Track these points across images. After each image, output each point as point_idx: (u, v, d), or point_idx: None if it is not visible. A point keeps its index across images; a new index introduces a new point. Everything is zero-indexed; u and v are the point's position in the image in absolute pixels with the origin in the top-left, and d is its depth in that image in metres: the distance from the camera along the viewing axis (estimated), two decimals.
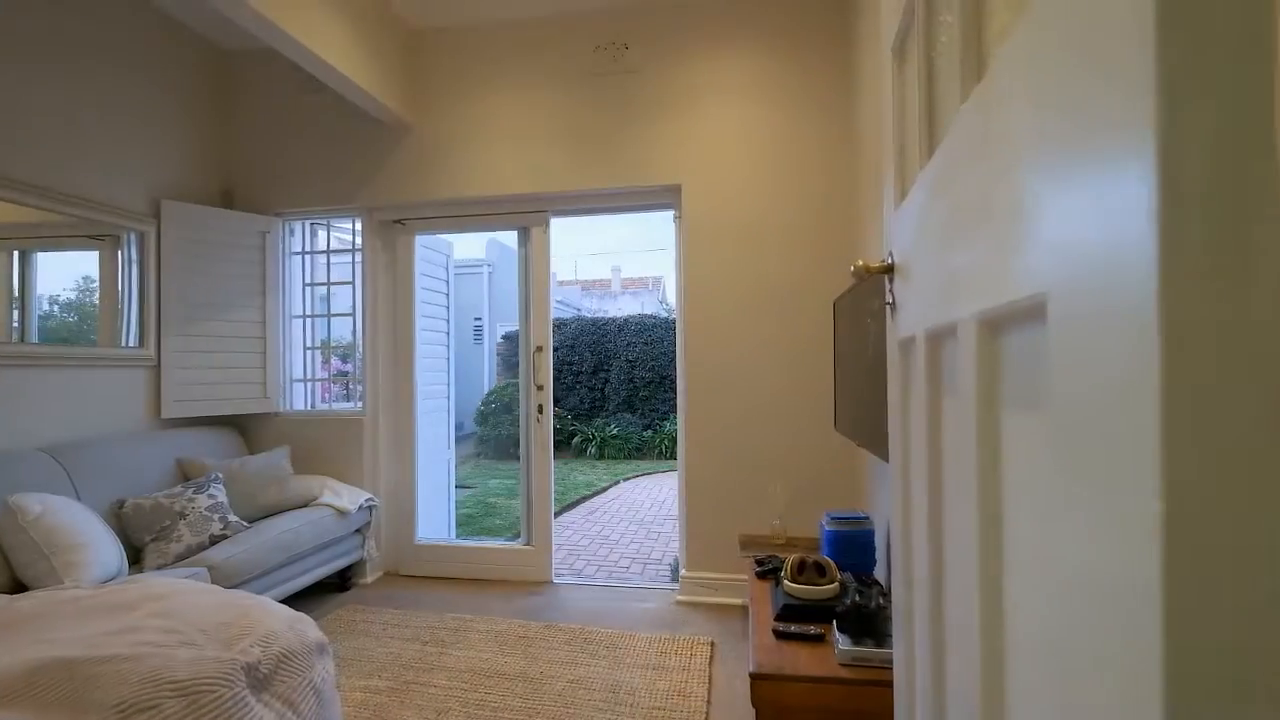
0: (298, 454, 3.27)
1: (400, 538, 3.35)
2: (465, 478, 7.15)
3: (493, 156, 3.11)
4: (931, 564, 0.72)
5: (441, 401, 3.73)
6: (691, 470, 2.93)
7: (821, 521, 2.15)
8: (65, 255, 2.87)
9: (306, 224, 3.52)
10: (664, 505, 5.82)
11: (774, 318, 2.85)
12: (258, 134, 3.39)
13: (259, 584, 2.48)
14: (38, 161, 2.54)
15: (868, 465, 2.41)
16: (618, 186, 2.99)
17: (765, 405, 2.85)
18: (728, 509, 2.87)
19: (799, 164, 2.83)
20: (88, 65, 2.72)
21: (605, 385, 9.75)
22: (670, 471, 7.76)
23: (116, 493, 2.52)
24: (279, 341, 3.38)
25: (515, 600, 2.93)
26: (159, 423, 2.99)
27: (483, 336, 12.02)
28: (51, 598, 1.17)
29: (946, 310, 0.62)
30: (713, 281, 2.90)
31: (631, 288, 19.89)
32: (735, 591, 2.85)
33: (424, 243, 3.50)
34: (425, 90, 3.20)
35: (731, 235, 2.88)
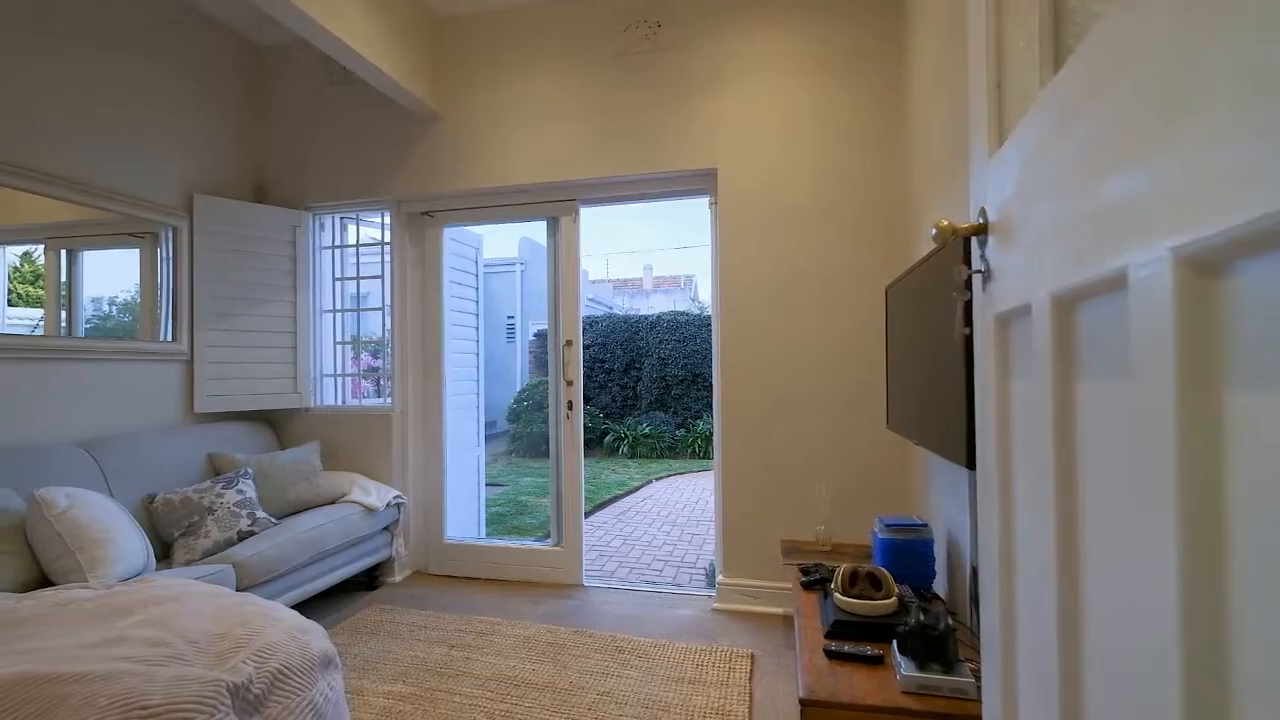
0: (328, 450, 3.24)
1: (429, 536, 3.29)
2: (497, 475, 7.12)
3: (520, 145, 3.01)
4: (1061, 594, 0.55)
5: (471, 398, 3.66)
6: (728, 471, 2.77)
7: (873, 528, 1.97)
8: (109, 254, 2.88)
9: (336, 218, 3.49)
10: (697, 506, 5.66)
11: (817, 307, 2.67)
12: (289, 128, 3.38)
13: (286, 581, 2.43)
14: (75, 157, 2.54)
15: (925, 467, 2.21)
16: (650, 172, 2.85)
17: (807, 401, 2.67)
18: (768, 512, 2.70)
19: (843, 140, 2.64)
20: (124, 62, 2.72)
21: (637, 383, 9.63)
22: (703, 471, 7.59)
23: (148, 487, 2.51)
24: (309, 336, 3.35)
25: (544, 603, 2.83)
26: (192, 417, 2.99)
27: (515, 335, 12.06)
28: (54, 599, 1.10)
29: (1099, 259, 0.46)
30: (750, 270, 2.74)
31: (663, 286, 19.75)
32: (776, 600, 2.68)
33: (453, 236, 3.43)
34: (452, 79, 3.12)
35: (770, 220, 2.71)
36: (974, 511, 1.55)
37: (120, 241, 2.87)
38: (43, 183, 2.44)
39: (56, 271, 2.69)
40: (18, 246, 2.56)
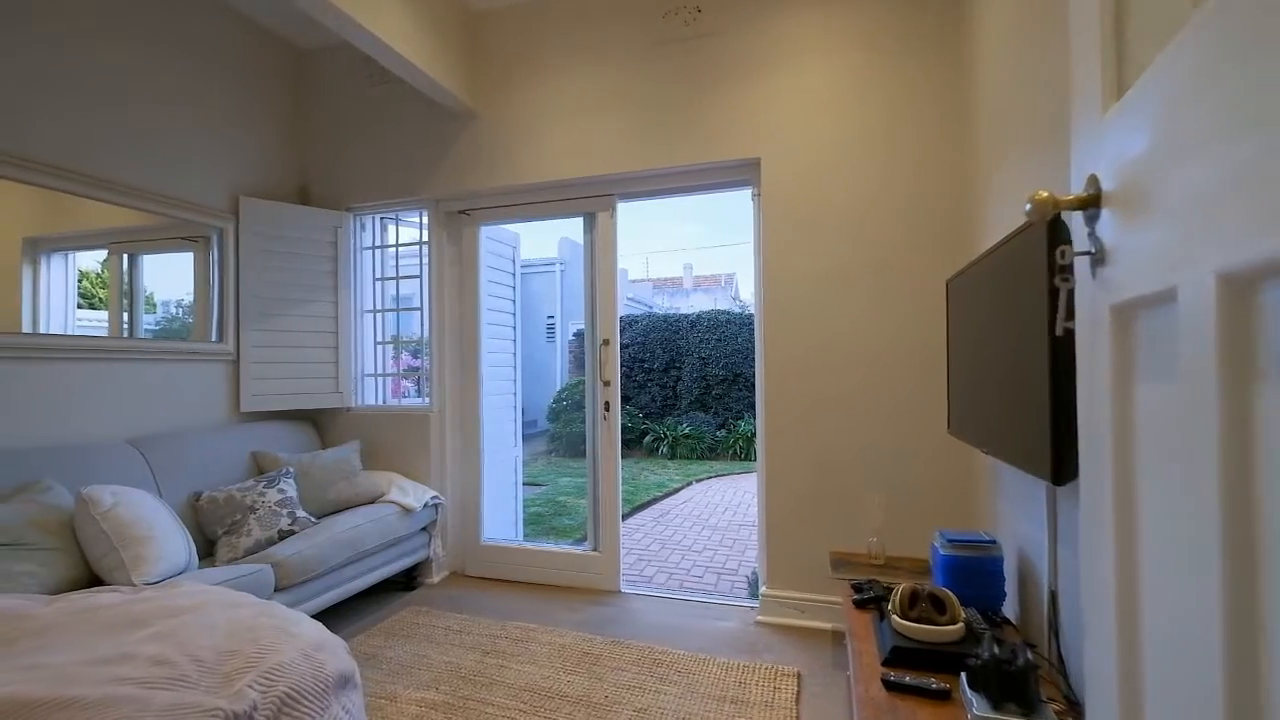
0: (368, 450, 3.26)
1: (466, 537, 3.27)
2: (537, 475, 7.13)
3: (557, 140, 2.95)
4: (1232, 651, 0.42)
5: (508, 398, 3.62)
6: (773, 477, 2.63)
7: (934, 543, 1.80)
8: (171, 257, 2.95)
9: (376, 218, 3.51)
10: (739, 509, 5.51)
11: (866, 302, 2.50)
12: (331, 129, 3.41)
13: (324, 581, 2.43)
14: (131, 163, 2.61)
15: (991, 477, 2.02)
16: (690, 164, 2.73)
17: (856, 403, 2.50)
18: (815, 520, 2.55)
19: (894, 125, 2.46)
20: (176, 70, 2.79)
21: (677, 383, 9.50)
22: (745, 473, 7.41)
23: (194, 485, 2.55)
24: (350, 337, 3.38)
25: (581, 610, 2.75)
26: (238, 416, 3.04)
27: (555, 335, 12.11)
28: (81, 604, 1.08)
29: None
30: (795, 263, 2.59)
31: (704, 284, 19.54)
32: (824, 614, 2.52)
33: (490, 234, 3.40)
34: (489, 76, 3.08)
35: (815, 210, 2.56)
36: (1054, 530, 1.38)
37: (176, 245, 2.94)
38: (103, 189, 2.52)
39: (119, 275, 2.77)
40: (92, 252, 2.65)
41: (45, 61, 2.30)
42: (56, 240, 2.49)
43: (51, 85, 2.33)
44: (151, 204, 2.70)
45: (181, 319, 2.96)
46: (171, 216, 2.80)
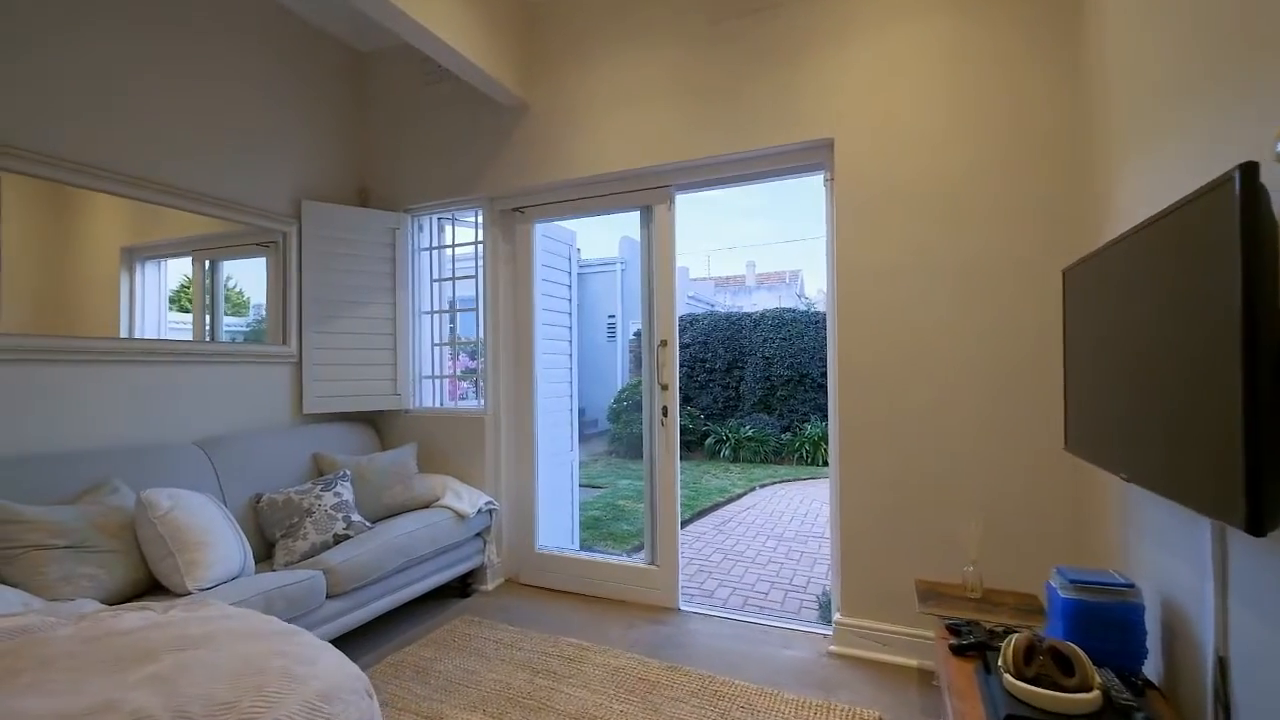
0: (424, 452, 3.23)
1: (521, 544, 3.18)
2: (596, 476, 7.05)
3: (610, 130, 2.80)
4: None
5: (564, 400, 3.51)
6: (848, 491, 2.37)
7: (1050, 583, 1.51)
8: (249, 262, 3.02)
9: (433, 219, 3.49)
10: (806, 519, 5.20)
11: (958, 298, 2.20)
12: (389, 131, 3.41)
13: (376, 589, 2.39)
14: (205, 172, 2.68)
15: (1126, 507, 1.69)
16: (753, 149, 2.51)
17: (947, 412, 2.21)
18: (897, 544, 2.28)
19: (989, 94, 2.14)
20: (243, 77, 2.84)
21: (740, 384, 9.21)
22: (812, 479, 7.05)
23: (256, 486, 2.58)
24: (408, 338, 3.37)
25: (637, 628, 2.59)
26: (301, 418, 3.08)
27: (616, 334, 12.07)
28: (97, 629, 1.01)
29: None
30: (873, 254, 2.32)
31: (767, 282, 19.00)
32: (908, 649, 2.24)
33: (545, 232, 3.29)
34: (541, 66, 2.97)
35: (897, 195, 2.28)
36: (1223, 581, 1.09)
37: (250, 251, 3.01)
38: (184, 198, 2.59)
39: (202, 280, 2.85)
40: (179, 259, 2.74)
41: (132, 83, 2.37)
42: (149, 248, 2.58)
43: (138, 104, 2.40)
44: (226, 211, 2.76)
45: (264, 322, 3.03)
46: (243, 223, 2.85)
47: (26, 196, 2.16)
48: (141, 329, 2.53)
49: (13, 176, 2.06)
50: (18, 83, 2.08)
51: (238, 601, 1.85)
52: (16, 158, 2.06)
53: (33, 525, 1.73)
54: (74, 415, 2.21)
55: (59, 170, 2.17)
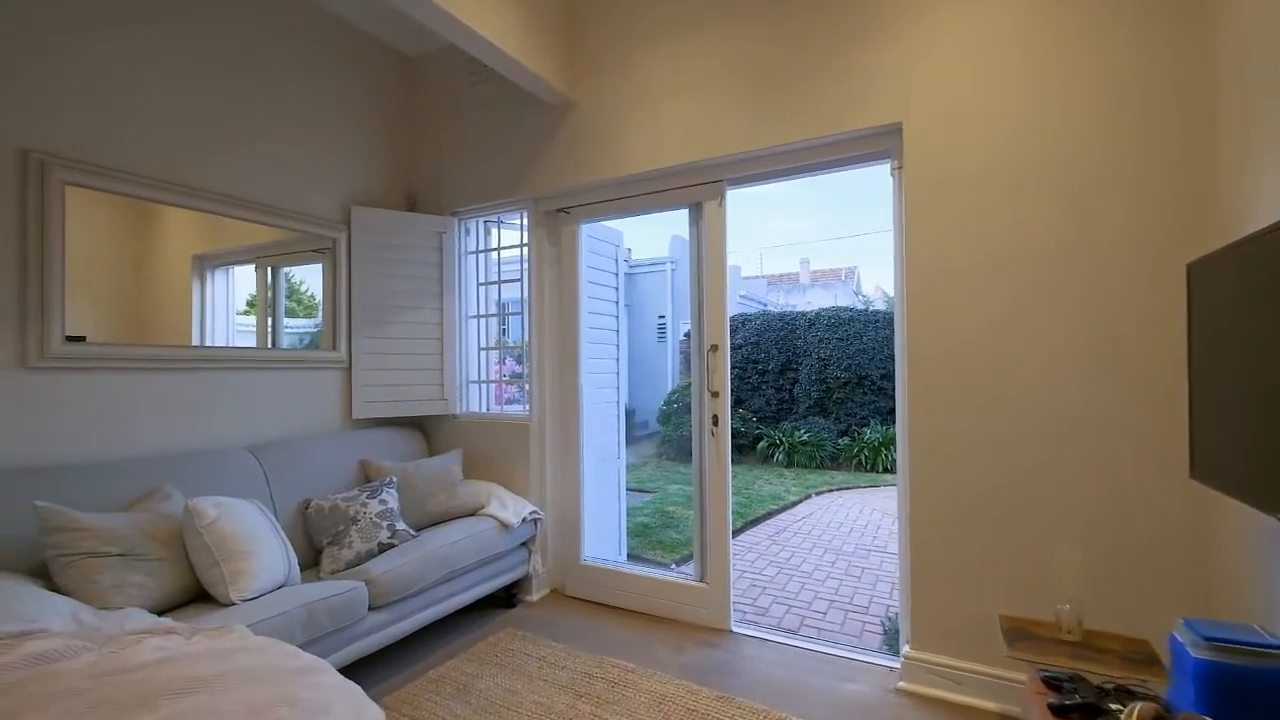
0: (470, 458, 3.19)
1: (566, 555, 3.09)
2: (645, 480, 6.94)
3: (657, 124, 2.66)
4: None
5: (610, 406, 3.41)
6: (919, 507, 2.15)
7: (1176, 636, 1.28)
8: (307, 268, 3.06)
9: (480, 222, 3.45)
10: (867, 531, 4.91)
11: (1051, 299, 1.94)
12: (436, 135, 3.40)
13: (417, 600, 2.34)
14: (264, 181, 2.73)
15: (1269, 549, 1.43)
16: (812, 138, 2.32)
17: (1039, 427, 1.95)
18: (977, 571, 2.04)
19: (1085, 68, 1.88)
20: (297, 85, 2.87)
21: (794, 386, 8.89)
22: (872, 487, 6.71)
23: (305, 492, 2.58)
24: (455, 342, 3.34)
25: (686, 651, 2.44)
26: (350, 423, 3.09)
27: (666, 335, 11.94)
28: (114, 662, 0.97)
29: None
30: (948, 249, 2.09)
31: (822, 279, 18.42)
32: (988, 691, 2.01)
33: (591, 233, 3.20)
34: (586, 60, 2.87)
35: (976, 182, 2.04)
36: None
37: (308, 257, 3.04)
38: (241, 208, 2.64)
39: (265, 287, 2.91)
40: (244, 266, 2.80)
41: (192, 98, 2.42)
42: (217, 256, 2.64)
43: (198, 117, 2.45)
44: (280, 219, 2.80)
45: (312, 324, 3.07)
46: (297, 230, 2.88)
47: (110, 212, 2.25)
48: (211, 334, 2.60)
49: (84, 191, 2.12)
50: (84, 98, 2.14)
51: (279, 614, 1.83)
52: (87, 172, 2.12)
53: (87, 532, 1.75)
54: (135, 421, 2.26)
55: (123, 183, 2.22)
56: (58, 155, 2.06)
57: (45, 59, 2.05)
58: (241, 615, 1.78)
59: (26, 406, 1.99)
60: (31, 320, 2.00)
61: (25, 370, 2.00)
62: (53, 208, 2.04)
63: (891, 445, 7.48)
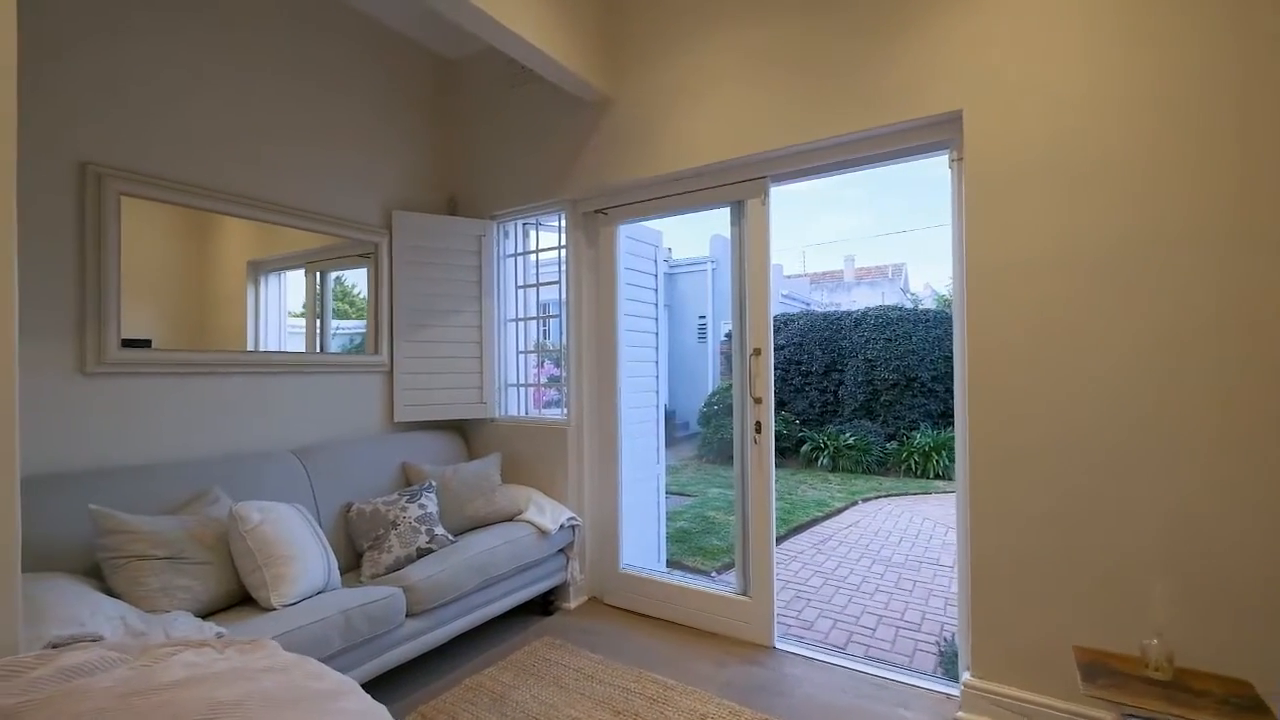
0: (508, 462, 3.17)
1: (604, 562, 3.03)
2: (686, 484, 6.85)
3: (698, 120, 2.57)
4: None
5: (649, 410, 3.33)
6: (981, 522, 1.99)
7: None
8: (354, 273, 3.10)
9: (519, 224, 3.43)
10: (918, 541, 4.69)
11: (1131, 300, 1.76)
12: (476, 137, 3.40)
13: (455, 608, 2.33)
14: (309, 189, 2.77)
15: None
16: (866, 129, 2.19)
17: (1119, 439, 1.78)
18: (1048, 593, 1.87)
19: (1179, 41, 1.69)
20: (342, 92, 2.91)
21: (839, 388, 8.64)
22: (922, 494, 6.43)
23: (348, 495, 2.61)
24: (494, 346, 3.33)
25: (727, 667, 2.35)
26: (392, 426, 3.12)
27: (707, 335, 11.81)
28: (140, 681, 0.96)
29: None
30: (1014, 246, 1.93)
31: (867, 277, 17.93)
32: None
33: (629, 234, 3.13)
34: (624, 55, 2.80)
35: (1043, 172, 1.87)
36: None
37: (354, 262, 3.08)
38: (292, 216, 2.70)
39: (314, 291, 2.96)
40: (294, 271, 2.87)
41: (243, 111, 2.47)
42: (270, 262, 2.71)
43: (249, 128, 2.50)
44: (326, 225, 2.84)
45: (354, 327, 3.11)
46: (342, 235, 2.92)
47: (174, 220, 2.34)
48: (265, 338, 2.66)
49: (146, 201, 2.19)
50: (139, 111, 2.20)
51: (318, 620, 1.83)
52: (140, 182, 2.19)
53: (136, 536, 1.79)
54: (186, 424, 2.32)
55: (174, 192, 2.28)
56: (113, 166, 2.13)
57: (103, 75, 2.12)
58: (282, 621, 1.79)
59: (85, 410, 2.06)
60: (89, 327, 2.07)
61: (84, 375, 2.06)
62: (108, 217, 2.11)
63: (943, 450, 7.16)
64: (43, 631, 1.37)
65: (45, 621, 1.40)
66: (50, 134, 2.00)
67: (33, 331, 1.96)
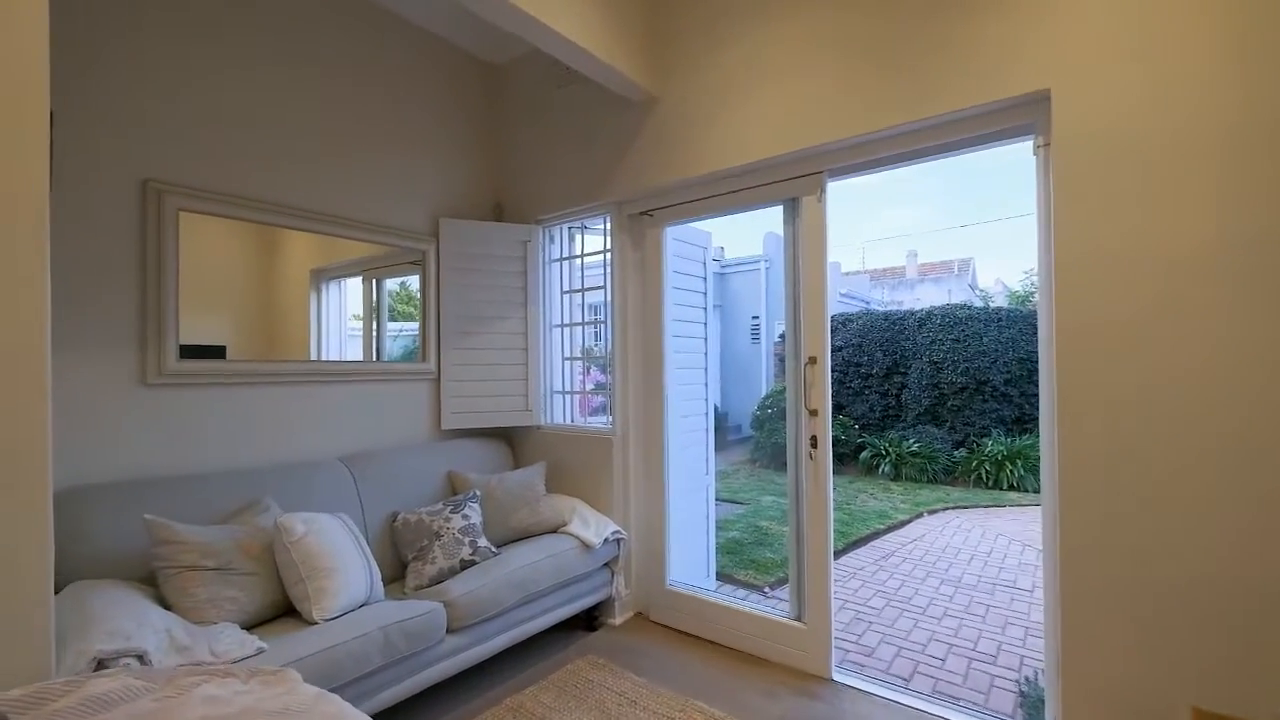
0: (553, 470, 3.11)
1: (651, 578, 2.93)
2: (738, 490, 6.66)
3: (748, 114, 2.42)
4: None
5: (698, 419, 3.20)
6: (1073, 548, 1.76)
7: None
8: (407, 280, 3.13)
9: (564, 228, 3.37)
10: (991, 559, 4.34)
11: (1249, 295, 1.50)
12: (521, 142, 3.36)
13: (495, 624, 2.27)
14: (362, 200, 2.81)
15: None
16: (934, 116, 1.98)
17: (1255, 470, 1.52)
18: (1159, 641, 1.63)
19: None
20: (393, 101, 2.93)
21: (901, 391, 8.21)
22: (995, 506, 5.99)
23: (394, 504, 2.61)
24: (539, 353, 3.28)
25: (779, 699, 2.19)
26: (439, 434, 3.12)
27: (760, 336, 11.52)
28: (162, 712, 0.91)
29: None
30: (1114, 242, 1.69)
31: (932, 273, 17.08)
32: None
33: (677, 235, 3.01)
34: (671, 51, 2.68)
35: (1149, 157, 1.63)
36: None
37: (407, 269, 3.10)
38: (346, 227, 2.74)
39: (370, 298, 3.00)
40: (353, 278, 2.92)
41: (296, 124, 2.52)
42: (330, 270, 2.76)
43: (303, 142, 2.55)
44: (375, 234, 2.86)
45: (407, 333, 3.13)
46: (393, 245, 2.94)
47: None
48: (326, 343, 2.72)
49: (193, 216, 2.25)
50: (197, 129, 2.26)
51: (358, 637, 1.81)
52: (197, 197, 2.24)
53: (187, 546, 1.82)
54: (241, 433, 2.37)
55: (230, 206, 2.33)
56: (172, 183, 2.18)
57: (165, 95, 2.18)
58: (323, 636, 1.78)
59: (145, 420, 2.12)
60: (150, 340, 2.13)
61: (145, 386, 2.13)
62: (168, 233, 2.17)
63: (1019, 459, 6.66)
64: (88, 645, 1.39)
65: (92, 634, 1.42)
66: (115, 153, 2.07)
67: (99, 345, 2.03)
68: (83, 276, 2.00)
